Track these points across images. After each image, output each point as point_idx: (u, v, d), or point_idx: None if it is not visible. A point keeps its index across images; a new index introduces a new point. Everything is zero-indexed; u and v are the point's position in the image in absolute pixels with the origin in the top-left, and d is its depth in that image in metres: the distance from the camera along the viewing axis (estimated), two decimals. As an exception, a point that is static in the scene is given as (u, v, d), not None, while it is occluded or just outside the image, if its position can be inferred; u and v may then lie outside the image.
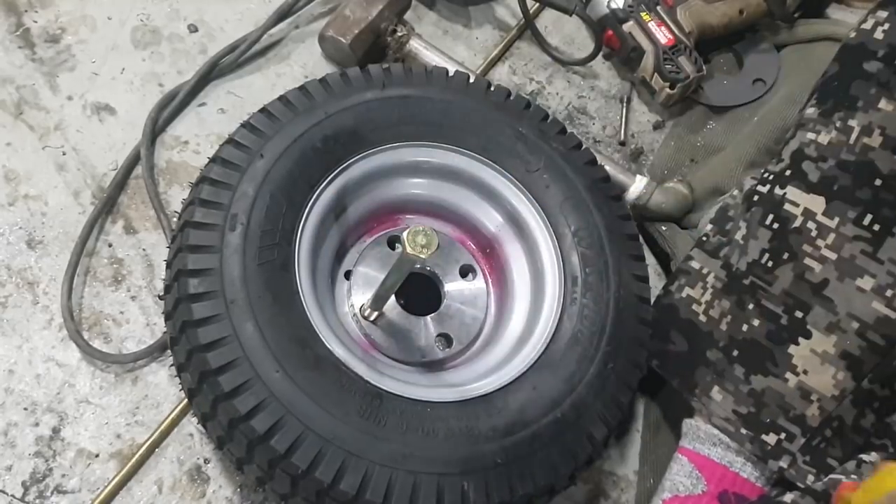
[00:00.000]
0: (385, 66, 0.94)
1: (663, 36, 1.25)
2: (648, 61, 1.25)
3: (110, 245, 1.03)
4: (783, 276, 0.88)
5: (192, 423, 0.95)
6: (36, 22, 1.15)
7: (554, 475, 0.79)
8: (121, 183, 1.06)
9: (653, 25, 1.26)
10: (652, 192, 1.15)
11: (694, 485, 0.92)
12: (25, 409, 0.93)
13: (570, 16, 1.25)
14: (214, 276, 0.76)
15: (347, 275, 0.93)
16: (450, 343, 0.92)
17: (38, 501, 0.89)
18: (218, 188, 0.81)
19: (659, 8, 1.28)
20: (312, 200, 0.85)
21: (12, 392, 0.93)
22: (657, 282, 1.12)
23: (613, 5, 1.28)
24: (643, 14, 1.27)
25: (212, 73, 1.15)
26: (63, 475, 0.91)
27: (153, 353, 0.97)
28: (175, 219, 0.90)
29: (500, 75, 1.29)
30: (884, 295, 0.82)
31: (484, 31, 1.32)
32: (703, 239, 1.00)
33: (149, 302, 1.00)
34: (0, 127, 1.07)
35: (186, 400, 0.88)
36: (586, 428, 0.82)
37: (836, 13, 1.35)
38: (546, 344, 0.86)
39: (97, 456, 0.92)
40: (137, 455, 0.91)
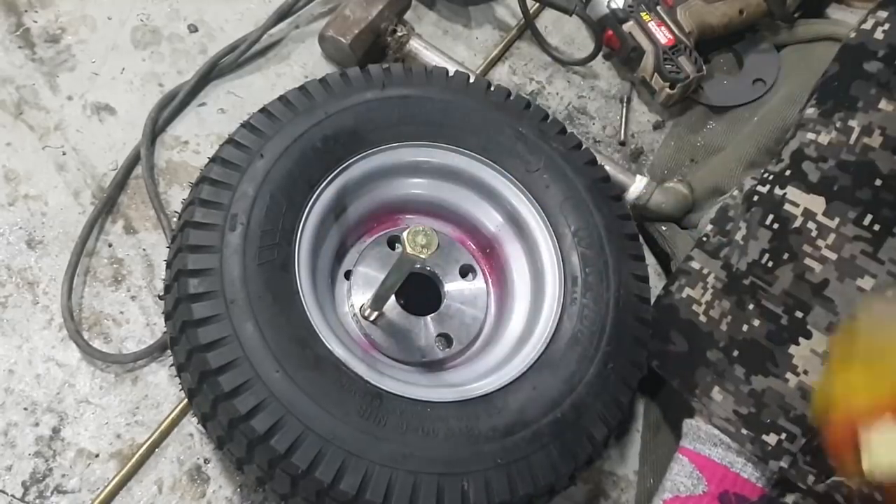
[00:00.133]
0: (385, 66, 0.94)
1: (663, 36, 1.25)
2: (648, 61, 1.25)
3: (110, 245, 1.03)
4: (783, 277, 0.88)
5: (192, 423, 0.95)
6: (36, 22, 1.15)
7: (554, 475, 0.79)
8: (121, 183, 1.06)
9: (653, 25, 1.26)
10: (652, 192, 1.15)
11: (695, 485, 0.92)
12: (25, 409, 0.93)
13: (570, 16, 1.25)
14: (214, 276, 0.76)
15: (347, 275, 0.93)
16: (450, 343, 0.92)
17: (38, 501, 0.89)
18: (218, 188, 0.81)
19: (659, 8, 1.28)
20: (312, 200, 0.85)
21: (12, 392, 0.93)
22: (657, 282, 1.12)
23: (613, 5, 1.28)
24: (643, 14, 1.27)
25: (212, 73, 1.15)
26: (63, 475, 0.91)
27: (153, 353, 0.97)
28: (175, 219, 0.90)
29: (500, 75, 1.29)
30: (884, 295, 0.82)
31: (484, 31, 1.32)
32: (704, 239, 1.00)
33: (149, 302, 1.00)
34: (0, 127, 1.07)
35: (186, 400, 0.88)
36: (586, 428, 0.82)
37: (836, 13, 1.35)
38: (546, 344, 0.86)
39: (97, 456, 0.92)
40: (137, 455, 0.91)
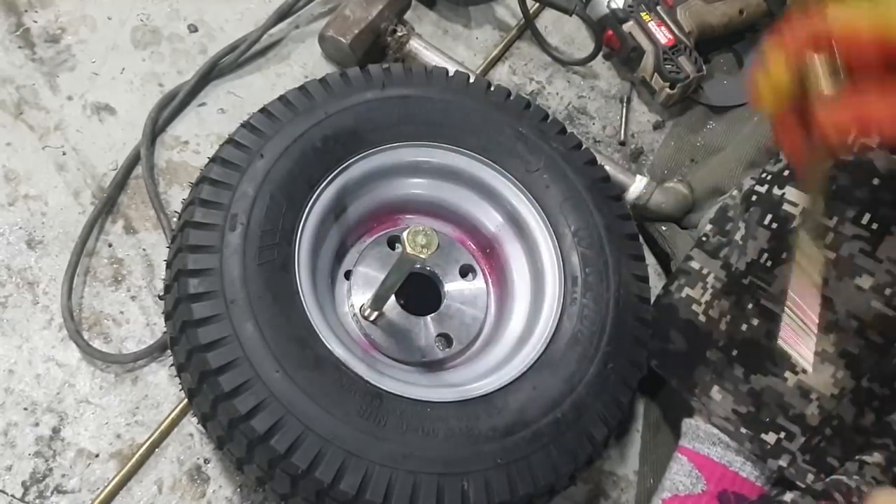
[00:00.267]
0: (385, 66, 0.94)
1: (663, 36, 1.25)
2: (648, 61, 1.25)
3: (110, 245, 1.03)
4: (782, 276, 0.88)
5: (192, 423, 0.95)
6: (36, 22, 1.15)
7: (554, 475, 0.79)
8: (121, 183, 1.06)
9: (653, 25, 1.26)
10: (652, 192, 1.15)
11: (693, 484, 0.92)
12: (25, 409, 0.93)
13: (570, 16, 1.25)
14: (214, 276, 0.76)
15: (347, 275, 0.93)
16: (450, 343, 0.92)
17: (38, 501, 0.89)
18: (218, 188, 0.81)
19: (659, 8, 1.28)
20: (312, 200, 0.85)
21: (12, 392, 0.93)
22: (657, 282, 1.12)
23: (613, 5, 1.28)
24: (643, 14, 1.27)
25: (212, 73, 1.15)
26: (63, 475, 0.91)
27: (153, 353, 0.97)
28: (175, 219, 0.90)
29: (500, 75, 1.29)
30: (882, 294, 0.82)
31: (484, 31, 1.32)
32: (703, 239, 1.00)
33: (149, 302, 1.00)
34: (0, 127, 1.07)
35: (186, 400, 0.88)
36: (586, 428, 0.82)
37: (836, 13, 1.35)
38: (546, 344, 0.86)
39: (97, 456, 0.92)
40: (137, 455, 0.91)
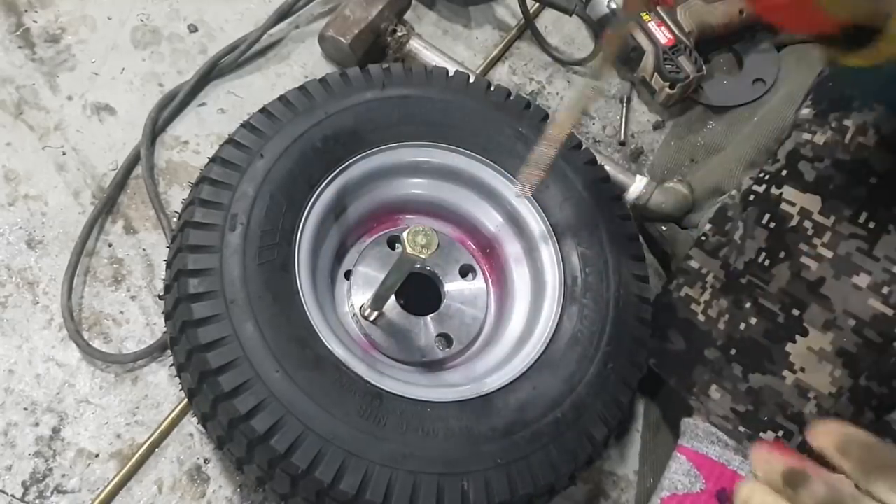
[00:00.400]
0: (385, 66, 0.94)
1: (663, 36, 1.25)
2: (648, 61, 1.25)
3: (110, 245, 1.03)
4: (780, 275, 0.88)
5: (192, 423, 0.95)
6: (36, 22, 1.15)
7: (554, 475, 0.79)
8: (121, 183, 1.06)
9: (653, 25, 1.26)
10: (652, 192, 1.15)
11: (692, 483, 0.92)
12: (25, 409, 0.93)
13: (570, 16, 1.25)
14: (214, 276, 0.76)
15: (347, 275, 0.93)
16: (450, 343, 0.92)
17: (38, 501, 0.89)
18: (218, 188, 0.81)
19: (659, 8, 1.28)
20: (312, 200, 0.85)
21: (12, 392, 0.93)
22: (657, 282, 1.12)
23: (613, 5, 1.28)
24: (643, 14, 1.27)
25: (212, 73, 1.15)
26: (63, 475, 0.91)
27: (153, 353, 0.97)
28: (175, 219, 0.90)
29: (500, 75, 1.29)
30: (880, 292, 0.82)
31: (484, 31, 1.32)
32: (702, 239, 1.00)
33: (149, 302, 1.00)
34: (0, 127, 1.07)
35: (186, 400, 0.88)
36: (586, 428, 0.82)
37: (836, 13, 1.35)
38: (546, 344, 0.86)
39: (97, 456, 0.92)
40: (137, 455, 0.91)
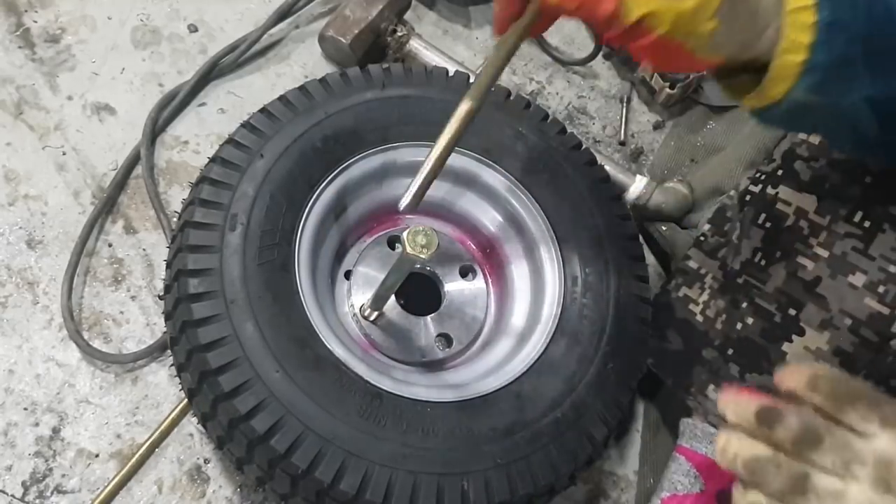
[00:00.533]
0: (385, 66, 0.94)
1: (663, 36, 1.25)
2: (648, 61, 1.25)
3: (110, 245, 1.03)
4: (776, 275, 0.88)
5: (192, 423, 0.95)
6: (36, 22, 1.15)
7: (554, 475, 0.79)
8: (121, 183, 1.06)
9: (653, 25, 1.26)
10: (652, 192, 1.15)
11: (692, 483, 0.92)
12: (25, 409, 0.93)
13: (570, 16, 1.24)
14: (214, 276, 0.76)
15: (347, 275, 0.93)
16: (450, 343, 0.92)
17: (38, 501, 0.89)
18: (218, 188, 0.81)
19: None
20: (312, 200, 0.85)
21: (12, 392, 0.93)
22: (657, 282, 1.12)
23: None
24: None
25: (212, 73, 1.15)
26: (63, 475, 0.91)
27: (153, 353, 0.97)
28: (175, 219, 0.90)
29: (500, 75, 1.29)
30: (876, 291, 0.82)
31: (484, 31, 1.32)
32: (701, 239, 1.00)
33: (149, 302, 1.01)
34: (0, 127, 1.07)
35: (186, 400, 0.88)
36: (586, 428, 0.82)
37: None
38: (546, 344, 0.86)
39: (97, 456, 0.92)
40: (137, 455, 0.91)
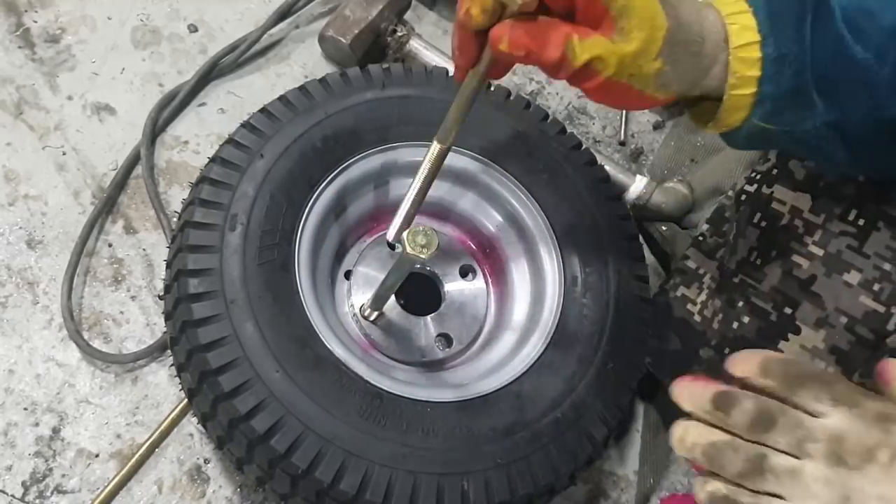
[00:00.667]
0: (385, 66, 0.94)
1: (663, 36, 1.25)
2: (648, 61, 1.25)
3: (110, 245, 1.03)
4: (772, 274, 0.88)
5: (192, 423, 0.95)
6: (36, 22, 1.15)
7: (554, 475, 0.79)
8: (121, 183, 1.06)
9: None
10: (652, 192, 1.15)
11: (692, 483, 0.92)
12: (25, 409, 0.93)
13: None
14: (214, 276, 0.76)
15: (347, 275, 0.93)
16: (450, 343, 0.92)
17: (38, 501, 0.89)
18: (218, 188, 0.81)
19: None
20: (312, 200, 0.85)
21: (12, 392, 0.93)
22: (657, 282, 1.12)
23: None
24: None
25: (212, 73, 1.15)
26: (63, 475, 0.91)
27: (153, 353, 0.97)
28: (175, 219, 0.90)
29: (500, 75, 1.29)
30: (871, 289, 0.82)
31: (484, 31, 1.32)
32: (700, 239, 1.00)
33: (149, 302, 1.01)
34: (0, 127, 1.07)
35: (186, 400, 0.88)
36: (586, 428, 0.82)
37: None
38: (546, 344, 0.86)
39: (97, 456, 0.92)
40: (137, 455, 0.91)
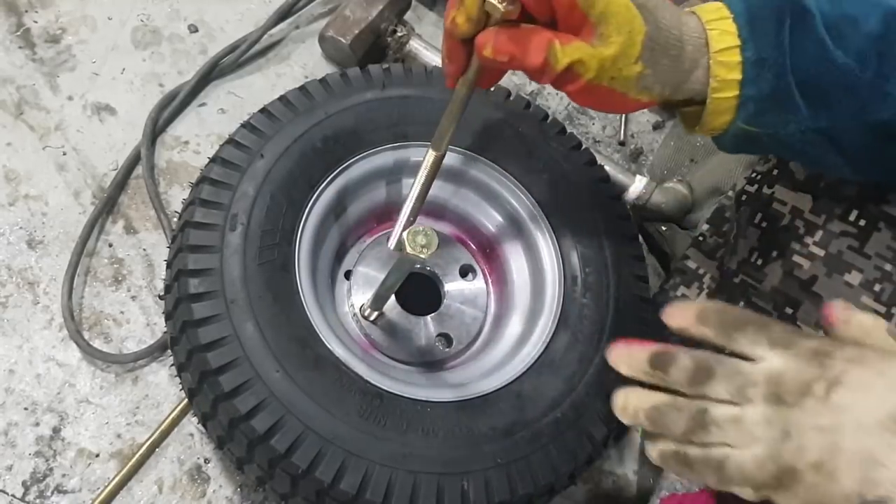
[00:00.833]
0: (385, 66, 0.94)
1: (663, 36, 1.25)
2: (648, 61, 1.25)
3: (110, 245, 1.03)
4: (772, 274, 0.88)
5: (192, 423, 0.95)
6: (36, 22, 1.15)
7: (554, 475, 0.79)
8: (121, 183, 1.06)
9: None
10: (652, 193, 1.15)
11: (692, 482, 0.92)
12: (26, 408, 0.93)
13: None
14: (215, 276, 0.77)
15: (347, 275, 0.93)
16: (450, 343, 0.92)
17: (38, 501, 0.89)
18: (218, 188, 0.81)
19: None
20: (312, 200, 0.85)
21: (13, 392, 0.93)
22: (657, 282, 1.12)
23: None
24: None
25: (212, 73, 1.15)
26: (63, 475, 0.91)
27: (153, 352, 0.97)
28: (175, 219, 0.90)
29: (500, 75, 1.29)
30: (872, 289, 0.82)
31: (484, 32, 1.32)
32: (700, 239, 1.00)
33: (149, 302, 1.01)
34: (0, 127, 1.07)
35: (187, 400, 0.88)
36: (586, 428, 0.82)
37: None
38: (546, 344, 0.86)
39: (97, 456, 0.92)
40: (138, 455, 0.92)
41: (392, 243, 0.78)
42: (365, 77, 0.92)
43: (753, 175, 0.94)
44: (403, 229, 0.76)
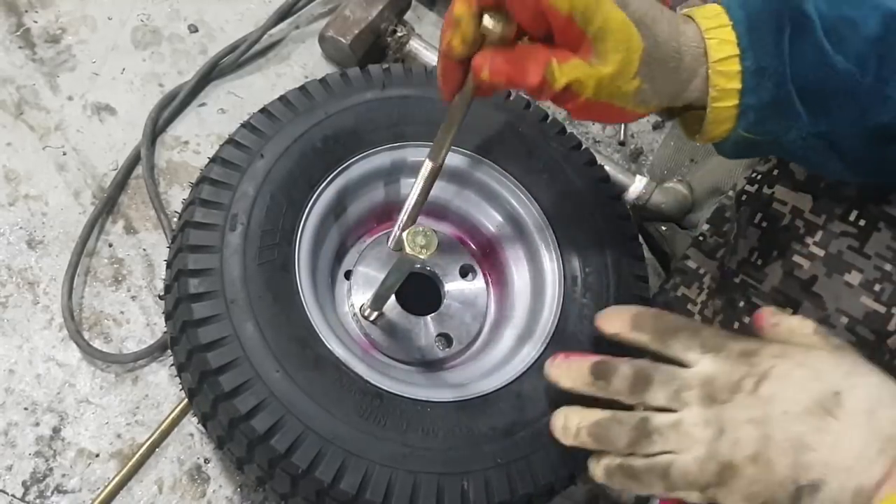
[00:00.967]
0: (385, 66, 0.94)
1: (663, 36, 1.25)
2: (648, 61, 1.25)
3: (110, 245, 1.03)
4: (772, 274, 0.88)
5: (192, 423, 0.95)
6: (36, 22, 1.15)
7: (554, 475, 0.79)
8: (121, 183, 1.06)
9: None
10: (652, 193, 1.15)
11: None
12: (26, 408, 0.93)
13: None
14: (215, 276, 0.77)
15: (347, 275, 0.93)
16: (450, 343, 0.92)
17: (38, 501, 0.89)
18: (218, 188, 0.81)
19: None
20: (312, 200, 0.85)
21: (12, 392, 0.93)
22: (657, 282, 1.12)
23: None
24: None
25: (212, 73, 1.15)
26: (63, 475, 0.91)
27: (153, 352, 0.97)
28: (175, 219, 0.90)
29: (500, 75, 1.29)
30: (872, 289, 0.82)
31: (484, 32, 1.32)
32: (700, 239, 1.00)
33: (149, 302, 1.01)
34: (0, 127, 1.07)
35: (186, 400, 0.88)
36: (586, 428, 0.82)
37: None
38: (546, 344, 0.86)
39: (97, 456, 0.92)
40: (138, 455, 0.92)
41: (392, 243, 0.78)
42: (365, 77, 0.92)
43: (754, 175, 0.94)
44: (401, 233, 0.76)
